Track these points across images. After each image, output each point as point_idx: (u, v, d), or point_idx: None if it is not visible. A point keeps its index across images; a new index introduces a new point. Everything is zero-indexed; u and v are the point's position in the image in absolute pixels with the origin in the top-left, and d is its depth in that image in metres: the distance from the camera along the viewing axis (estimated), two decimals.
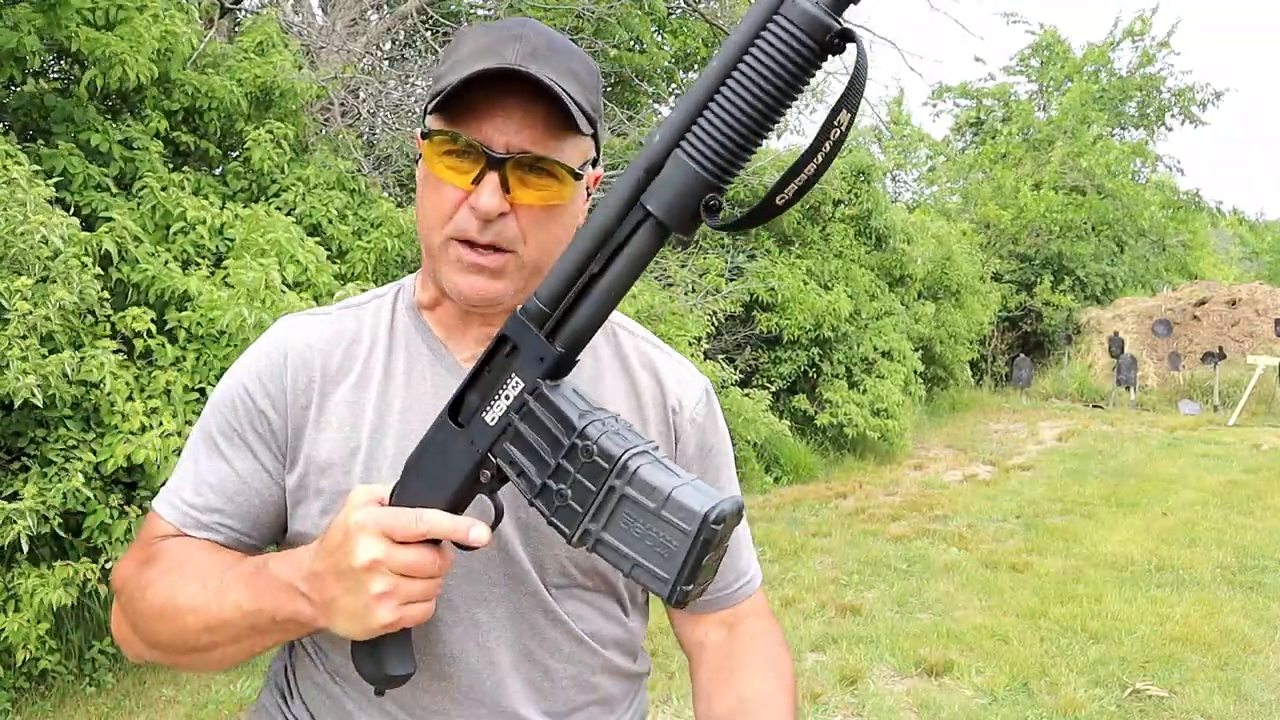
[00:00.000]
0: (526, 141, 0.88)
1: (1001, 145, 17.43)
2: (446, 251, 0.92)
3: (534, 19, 0.95)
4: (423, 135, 0.92)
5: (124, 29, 3.97)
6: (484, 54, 0.88)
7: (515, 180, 0.89)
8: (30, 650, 3.24)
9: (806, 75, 0.67)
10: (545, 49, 0.89)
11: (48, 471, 3.29)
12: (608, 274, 0.74)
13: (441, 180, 0.91)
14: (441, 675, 0.96)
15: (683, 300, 6.94)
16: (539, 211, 0.91)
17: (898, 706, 3.66)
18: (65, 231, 3.33)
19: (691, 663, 1.11)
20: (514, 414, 0.78)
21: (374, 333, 1.01)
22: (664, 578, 0.72)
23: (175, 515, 0.96)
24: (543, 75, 0.86)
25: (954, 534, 6.20)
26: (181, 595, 0.88)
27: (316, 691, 1.00)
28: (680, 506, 0.71)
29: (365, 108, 6.63)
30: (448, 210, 0.91)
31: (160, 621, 0.90)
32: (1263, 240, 27.40)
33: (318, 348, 0.99)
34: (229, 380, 0.99)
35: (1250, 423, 11.46)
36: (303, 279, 4.06)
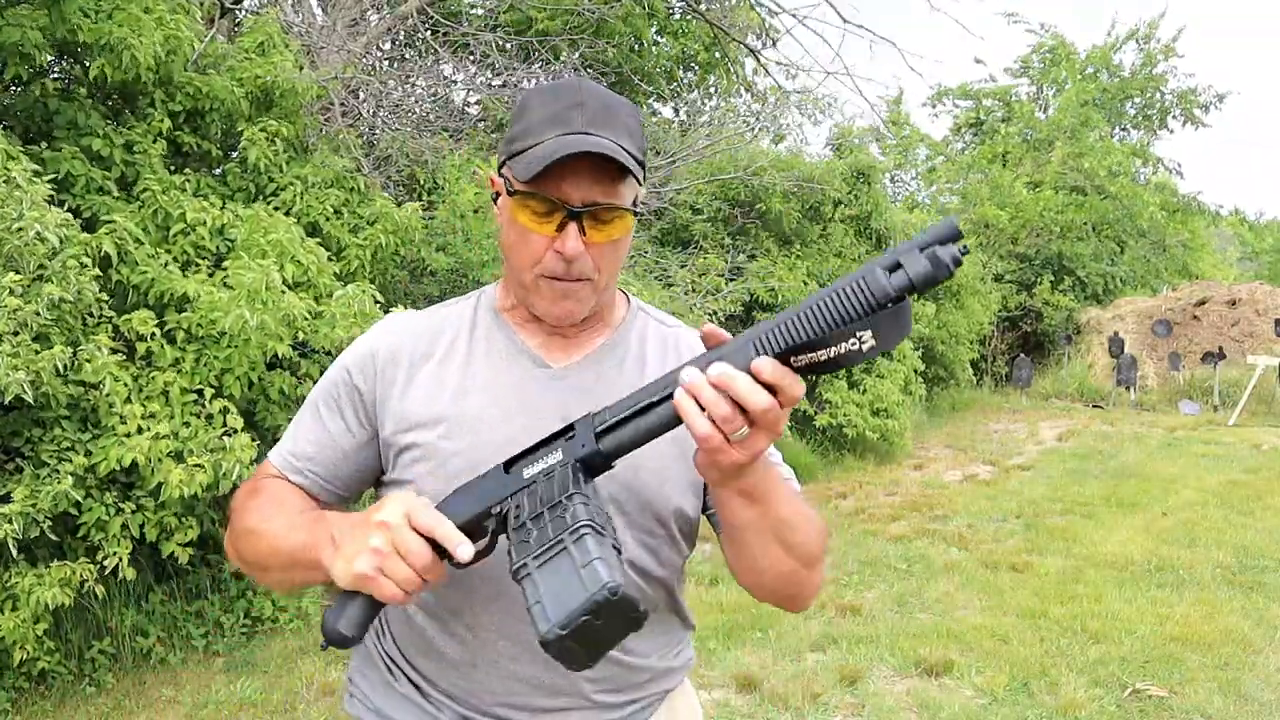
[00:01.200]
0: (597, 195, 1.09)
1: (1000, 145, 17.43)
2: (539, 286, 1.14)
3: (588, 81, 1.15)
4: (507, 189, 1.13)
5: (124, 16, 3.97)
6: (554, 122, 1.09)
7: (589, 226, 1.10)
8: (28, 650, 3.23)
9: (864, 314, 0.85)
10: (603, 112, 1.10)
11: (40, 473, 3.28)
12: (659, 409, 0.93)
13: (527, 229, 1.11)
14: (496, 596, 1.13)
15: (683, 300, 6.94)
16: (605, 246, 1.13)
17: (898, 706, 3.66)
18: (65, 232, 3.33)
19: None
20: (542, 475, 0.97)
21: (457, 326, 1.24)
22: (549, 619, 0.85)
23: (279, 460, 1.24)
24: (607, 140, 1.07)
25: (954, 534, 6.20)
26: (266, 522, 1.14)
27: (402, 626, 1.21)
28: (594, 571, 0.86)
29: (365, 108, 6.64)
30: (537, 254, 1.12)
31: (247, 538, 1.16)
32: (1262, 240, 27.40)
33: (408, 336, 1.22)
34: (336, 364, 1.24)
35: (1250, 423, 11.46)
36: (303, 279, 4.06)
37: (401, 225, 4.79)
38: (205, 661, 3.97)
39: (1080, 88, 17.33)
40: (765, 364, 0.87)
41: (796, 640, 4.27)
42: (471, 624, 1.16)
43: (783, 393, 0.88)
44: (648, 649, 1.21)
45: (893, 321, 0.83)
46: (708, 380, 0.88)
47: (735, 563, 1.15)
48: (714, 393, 0.87)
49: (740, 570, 1.15)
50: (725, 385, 0.87)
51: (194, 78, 4.41)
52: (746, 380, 0.87)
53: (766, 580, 1.14)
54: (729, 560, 1.16)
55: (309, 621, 4.31)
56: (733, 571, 1.19)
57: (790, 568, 1.11)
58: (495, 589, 1.13)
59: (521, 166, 1.08)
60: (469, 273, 5.40)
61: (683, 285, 7.21)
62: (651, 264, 7.38)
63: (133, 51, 3.92)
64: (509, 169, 1.13)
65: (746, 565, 1.13)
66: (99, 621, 3.83)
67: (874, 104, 15.98)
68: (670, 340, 1.26)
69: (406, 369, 1.20)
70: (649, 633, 1.18)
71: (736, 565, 1.15)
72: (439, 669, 1.18)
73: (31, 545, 3.43)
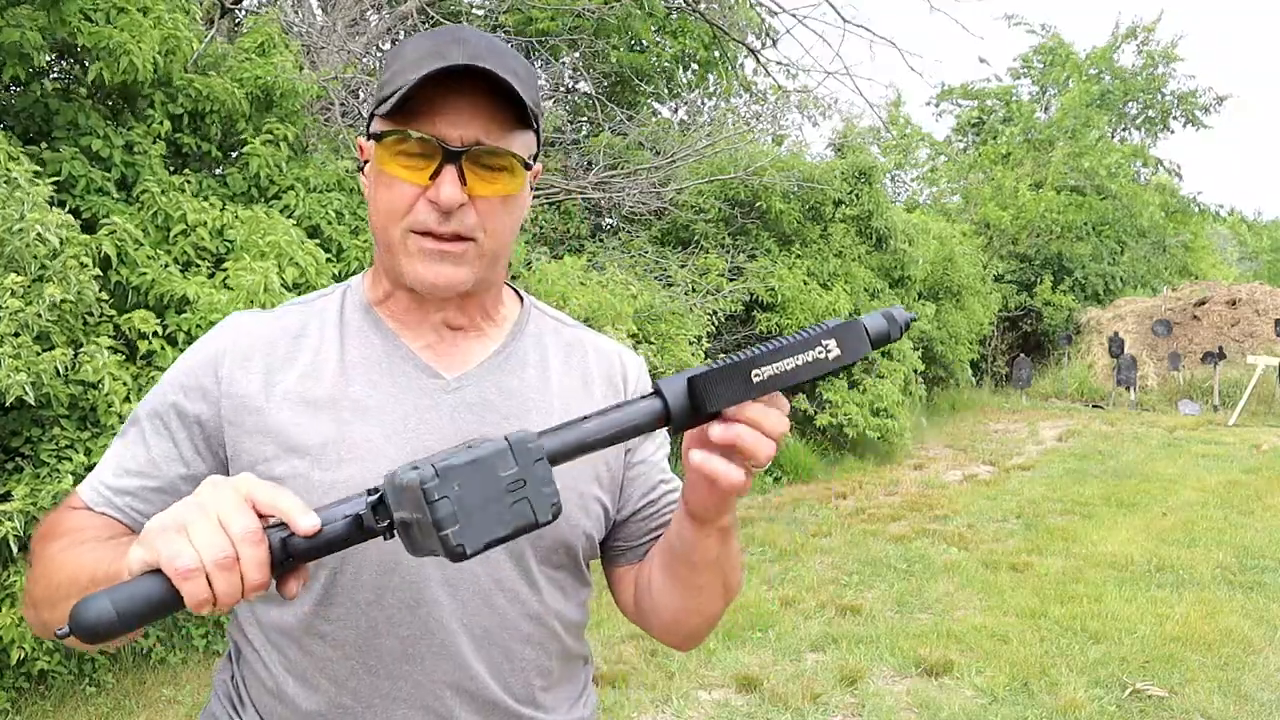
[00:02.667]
0: (480, 134, 0.92)
1: (1003, 145, 17.43)
2: (406, 244, 0.95)
3: (471, 26, 1.00)
4: (372, 137, 0.95)
5: (124, 20, 3.97)
6: (428, 57, 0.91)
7: (471, 173, 0.92)
8: (26, 649, 3.22)
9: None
10: (487, 51, 0.92)
11: (40, 472, 3.28)
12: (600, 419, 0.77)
13: (396, 178, 0.93)
14: (405, 658, 0.97)
15: (683, 300, 6.94)
16: (495, 202, 0.95)
17: (898, 706, 3.66)
18: (65, 233, 3.33)
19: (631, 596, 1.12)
20: None
21: (321, 327, 1.03)
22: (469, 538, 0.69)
23: (89, 494, 0.99)
24: (492, 69, 0.89)
25: (954, 534, 6.20)
26: (65, 551, 0.88)
27: (269, 698, 1.00)
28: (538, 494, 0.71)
29: (366, 108, 6.64)
30: (404, 206, 0.93)
31: (40, 573, 0.90)
32: (1260, 240, 27.41)
33: (260, 341, 1.01)
34: (168, 376, 1.01)
35: (1250, 423, 11.46)
36: (302, 281, 4.06)
37: None
38: (205, 661, 3.97)
39: (1084, 88, 17.34)
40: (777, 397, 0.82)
41: (796, 640, 4.27)
42: (357, 692, 0.97)
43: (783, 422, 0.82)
44: (558, 702, 1.07)
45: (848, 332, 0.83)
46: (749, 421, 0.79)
47: (668, 602, 1.03)
48: (755, 434, 0.79)
49: (667, 611, 1.04)
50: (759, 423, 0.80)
51: (194, 79, 4.40)
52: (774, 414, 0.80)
53: (694, 623, 1.05)
54: (649, 594, 1.05)
55: None
56: (639, 607, 1.08)
57: (721, 609, 1.04)
58: (385, 649, 0.97)
59: (387, 105, 0.91)
60: None
61: (683, 285, 7.21)
62: (651, 264, 7.39)
63: (131, 57, 3.92)
64: (376, 119, 0.95)
65: (683, 609, 1.02)
66: None
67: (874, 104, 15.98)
68: (575, 345, 1.11)
69: (262, 380, 0.98)
70: (560, 684, 1.07)
71: (667, 604, 1.03)
72: None
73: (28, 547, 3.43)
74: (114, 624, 0.67)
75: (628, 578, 1.10)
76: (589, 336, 1.13)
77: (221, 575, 0.67)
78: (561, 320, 1.14)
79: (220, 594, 0.67)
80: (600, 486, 1.05)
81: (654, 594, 1.04)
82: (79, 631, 0.67)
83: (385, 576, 0.96)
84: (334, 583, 0.96)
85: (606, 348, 1.13)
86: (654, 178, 7.78)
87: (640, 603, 1.08)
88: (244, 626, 1.03)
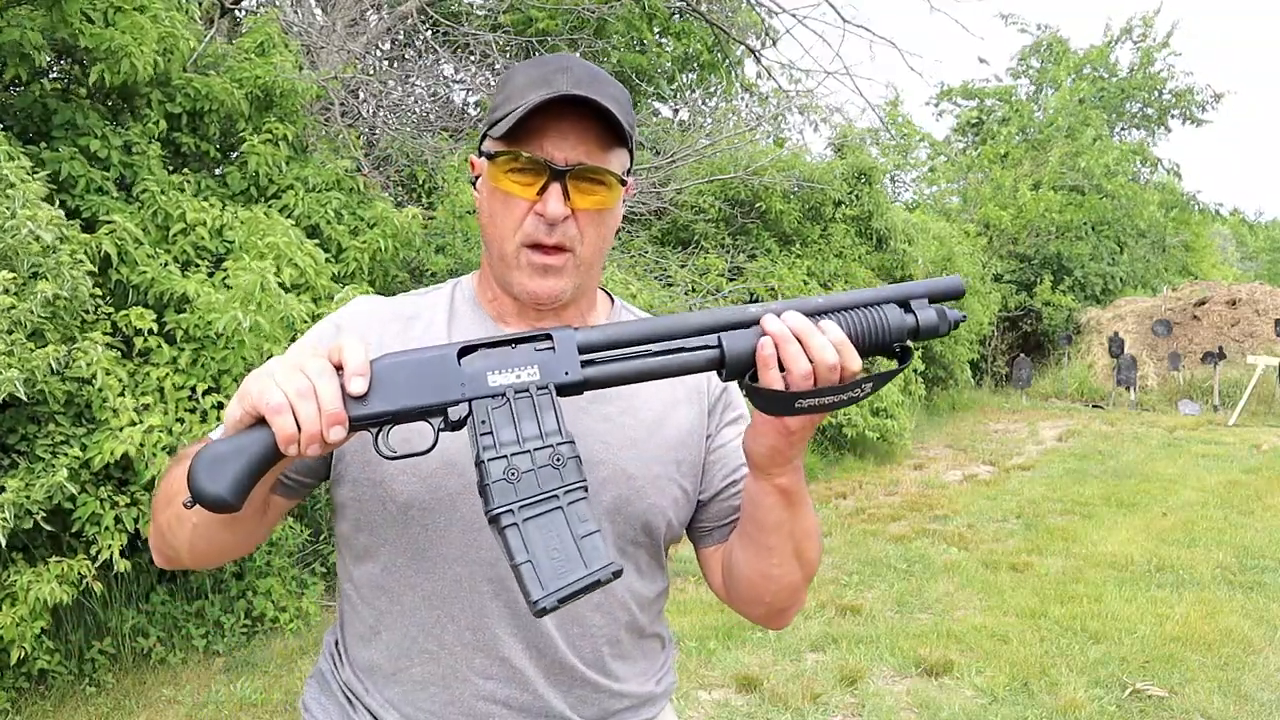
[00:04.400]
0: (582, 155, 1.03)
1: (1001, 145, 17.44)
2: (519, 258, 1.06)
3: (575, 55, 1.11)
4: (486, 156, 1.07)
5: (124, 22, 3.97)
6: (537, 85, 1.02)
7: (574, 189, 1.04)
8: (26, 649, 3.22)
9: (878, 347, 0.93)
10: (589, 79, 1.04)
11: (35, 467, 3.28)
12: (658, 359, 0.88)
13: (509, 194, 1.05)
14: (484, 612, 1.07)
15: (683, 300, 6.94)
16: (593, 214, 1.06)
17: (898, 706, 3.65)
18: (62, 231, 3.33)
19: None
20: (513, 391, 0.85)
21: (433, 314, 1.15)
22: (544, 586, 0.80)
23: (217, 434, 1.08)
24: (594, 98, 1.01)
25: (954, 534, 6.20)
26: (175, 469, 1.00)
27: (364, 650, 1.12)
28: (596, 548, 0.82)
29: (365, 108, 6.64)
30: (518, 219, 1.05)
31: (163, 484, 1.03)
32: (1260, 240, 27.41)
33: (377, 320, 1.13)
34: (300, 343, 1.11)
35: (1250, 423, 11.46)
36: (301, 281, 4.06)
37: (401, 229, 4.79)
38: (205, 661, 3.97)
39: (1073, 87, 17.36)
40: (832, 327, 0.90)
41: (796, 640, 4.27)
42: (441, 639, 1.08)
43: (844, 361, 0.90)
44: (629, 673, 1.14)
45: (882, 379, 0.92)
46: (789, 329, 0.88)
47: (744, 568, 1.11)
48: (797, 346, 0.88)
49: (745, 579, 1.11)
50: (803, 337, 0.89)
51: (192, 78, 4.40)
52: (821, 336, 0.89)
53: (772, 590, 1.11)
54: (731, 569, 1.13)
55: (309, 621, 4.31)
56: (727, 583, 1.15)
57: (798, 580, 1.11)
58: (468, 602, 1.07)
59: (500, 127, 1.03)
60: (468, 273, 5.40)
61: (683, 285, 7.21)
62: (651, 264, 7.38)
63: (132, 59, 3.91)
64: (489, 139, 1.07)
65: (758, 572, 1.09)
66: (99, 621, 3.83)
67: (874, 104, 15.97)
68: None
69: (376, 349, 1.05)
70: (632, 656, 1.15)
71: (744, 571, 1.11)
72: (405, 694, 1.09)
73: (29, 544, 3.43)
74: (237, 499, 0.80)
75: (715, 558, 1.18)
76: None
77: (302, 403, 0.80)
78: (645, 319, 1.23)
79: (304, 423, 0.80)
80: (680, 472, 1.14)
81: (733, 565, 1.12)
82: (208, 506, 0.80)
83: (471, 534, 1.05)
84: (424, 538, 1.07)
85: None
86: (654, 178, 7.78)
87: (725, 579, 1.16)
88: (343, 585, 1.15)
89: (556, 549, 0.81)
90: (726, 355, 0.88)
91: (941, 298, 0.95)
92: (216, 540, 1.02)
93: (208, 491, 0.80)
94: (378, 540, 1.09)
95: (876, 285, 10.13)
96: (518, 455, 0.83)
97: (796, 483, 1.02)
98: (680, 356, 0.88)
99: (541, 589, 0.80)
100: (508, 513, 0.82)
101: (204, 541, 1.01)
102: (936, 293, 0.94)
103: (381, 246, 4.69)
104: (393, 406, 0.84)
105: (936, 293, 0.94)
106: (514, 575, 0.81)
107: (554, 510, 0.82)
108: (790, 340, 0.89)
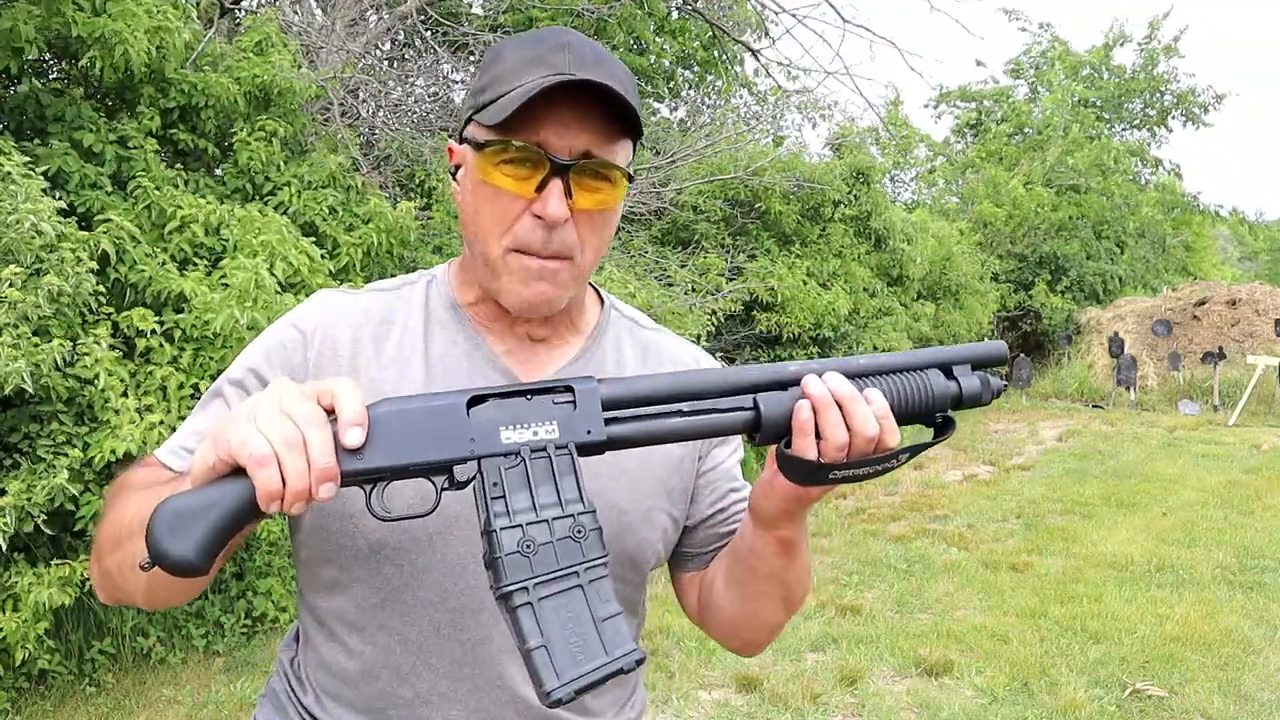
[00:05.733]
0: (586, 145, 0.89)
1: (992, 143, 17.46)
2: (506, 262, 0.92)
3: (572, 30, 0.95)
4: (472, 145, 0.92)
5: (116, 9, 3.95)
6: (533, 64, 0.89)
7: (576, 185, 0.90)
8: (29, 650, 3.22)
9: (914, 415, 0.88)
10: (593, 59, 0.90)
11: (36, 468, 3.28)
12: (688, 420, 0.81)
13: (500, 189, 0.90)
14: (464, 661, 0.97)
15: (683, 300, 6.93)
16: (594, 215, 0.93)
17: (898, 706, 3.65)
18: (61, 226, 3.31)
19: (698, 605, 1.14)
20: (529, 450, 0.77)
21: (407, 317, 1.01)
22: (559, 675, 0.72)
23: (164, 455, 0.97)
24: (600, 80, 0.87)
25: (954, 534, 6.20)
26: (130, 498, 0.88)
27: (331, 681, 1.01)
28: (618, 632, 0.74)
29: (365, 108, 6.63)
30: (508, 220, 0.91)
31: (107, 521, 0.89)
32: (1260, 240, 27.41)
33: (346, 321, 0.99)
34: (250, 347, 1.00)
35: (1250, 423, 11.46)
36: (296, 279, 4.04)
37: (395, 225, 4.78)
38: (205, 661, 3.97)
39: (1066, 88, 17.38)
40: (877, 396, 0.83)
41: (796, 640, 4.27)
42: (417, 687, 0.98)
43: (883, 435, 0.83)
44: (605, 706, 1.08)
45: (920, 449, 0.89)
46: (830, 393, 0.81)
47: (723, 605, 1.05)
48: (838, 413, 0.81)
49: (726, 616, 1.06)
50: (845, 404, 0.82)
51: (187, 74, 4.39)
52: (865, 406, 0.82)
53: (752, 628, 1.06)
54: (711, 600, 1.07)
55: None
56: (703, 612, 1.10)
57: (782, 620, 1.06)
58: (445, 651, 0.97)
59: (492, 112, 0.88)
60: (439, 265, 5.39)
61: (683, 285, 7.20)
62: (651, 264, 7.38)
63: (126, 46, 3.90)
64: (475, 125, 0.92)
65: (742, 613, 1.04)
66: (99, 621, 3.82)
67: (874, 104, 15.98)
68: (651, 348, 1.10)
69: (349, 365, 0.97)
70: (607, 690, 1.06)
71: (727, 610, 1.05)
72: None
73: (31, 545, 3.43)
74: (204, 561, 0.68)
75: (693, 583, 1.11)
76: (664, 339, 1.12)
77: (290, 455, 0.68)
78: (637, 321, 1.13)
79: (290, 478, 0.68)
80: (670, 500, 1.05)
81: (715, 598, 1.05)
82: (172, 570, 0.68)
83: (452, 578, 0.96)
84: (399, 578, 0.96)
85: (680, 350, 1.12)
86: (654, 178, 7.77)
87: (703, 607, 1.09)
88: (312, 610, 1.03)
89: (574, 632, 0.73)
90: (763, 419, 0.81)
91: (984, 364, 0.91)
92: (178, 586, 0.87)
93: (170, 553, 0.68)
94: (347, 576, 0.96)
95: (875, 284, 10.15)
96: (534, 525, 0.75)
97: (799, 533, 0.95)
98: (712, 417, 0.81)
99: (556, 678, 0.72)
100: (521, 590, 0.73)
101: (164, 590, 0.87)
102: (980, 358, 0.90)
103: (375, 242, 4.69)
104: (392, 462, 0.74)
105: (980, 358, 0.90)
106: (523, 660, 0.73)
107: (573, 589, 0.74)
108: (831, 406, 0.81)
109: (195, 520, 0.69)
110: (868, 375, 0.85)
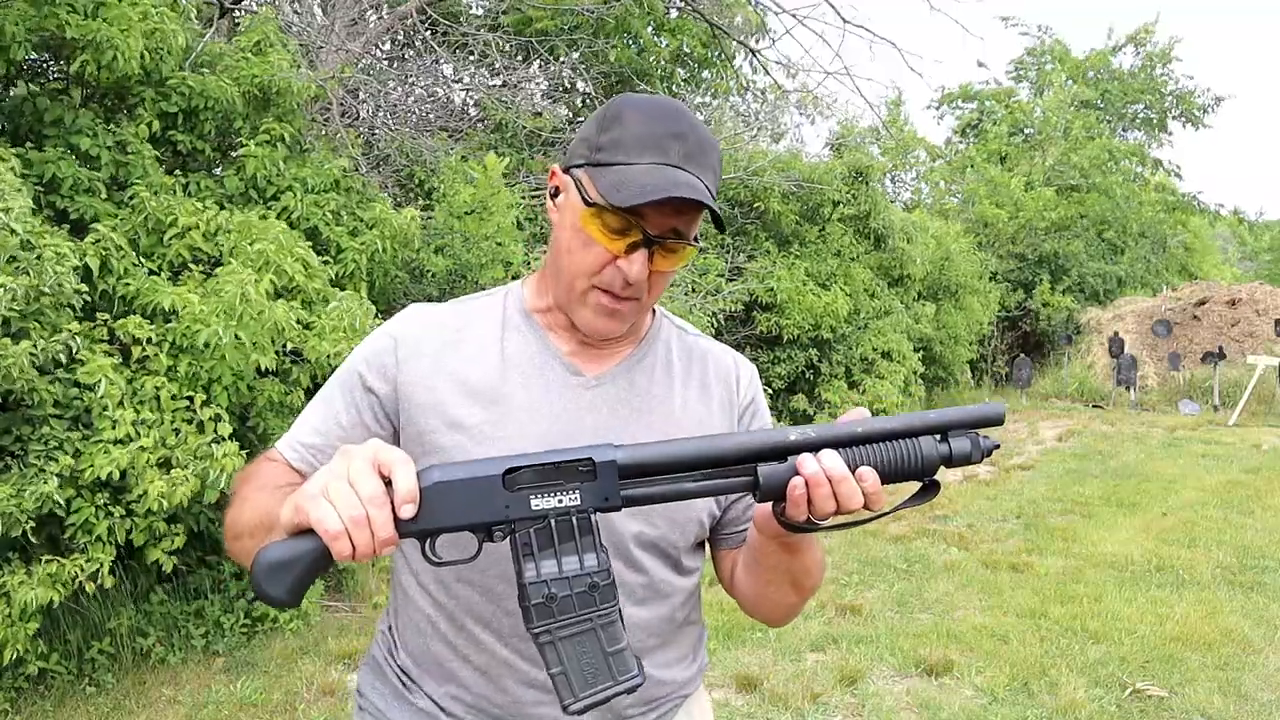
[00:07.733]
0: (676, 225, 1.07)
1: (992, 143, 17.45)
2: (587, 297, 1.11)
3: (687, 109, 1.10)
4: (581, 193, 1.08)
5: (110, 13, 3.93)
6: (650, 147, 1.05)
7: (659, 253, 1.08)
8: (19, 649, 3.19)
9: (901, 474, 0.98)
10: (699, 150, 1.07)
11: (27, 473, 3.24)
12: (694, 485, 0.94)
13: (595, 241, 1.07)
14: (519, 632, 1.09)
15: (683, 300, 6.94)
16: (666, 273, 1.12)
17: (898, 706, 3.65)
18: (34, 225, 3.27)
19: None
20: (554, 515, 0.92)
21: (486, 321, 1.19)
22: (574, 692, 0.92)
23: (283, 447, 1.17)
24: (700, 182, 1.05)
25: (954, 534, 6.20)
26: (254, 493, 1.08)
27: (419, 638, 1.18)
28: (624, 662, 0.93)
29: (365, 108, 6.63)
30: (596, 266, 1.09)
31: (235, 509, 1.09)
32: (1260, 240, 27.41)
33: (431, 328, 1.17)
34: (354, 356, 1.19)
35: (1250, 423, 11.46)
36: (292, 286, 4.01)
37: (399, 231, 4.77)
38: (205, 661, 3.97)
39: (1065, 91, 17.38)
40: (869, 474, 0.94)
41: (796, 640, 4.27)
42: (496, 630, 1.13)
43: (869, 504, 0.95)
44: (670, 661, 1.22)
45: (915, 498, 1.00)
46: (823, 472, 0.93)
47: (742, 584, 1.21)
48: (828, 489, 0.93)
49: (742, 592, 1.22)
50: (836, 483, 0.93)
51: (186, 77, 4.36)
52: (854, 485, 0.93)
53: (765, 607, 1.22)
54: (735, 578, 1.23)
55: (309, 621, 4.31)
56: (729, 584, 1.26)
57: (793, 602, 1.20)
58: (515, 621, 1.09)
59: (608, 183, 1.04)
60: (467, 274, 5.38)
61: (683, 285, 7.21)
62: None
63: (117, 49, 3.87)
64: (588, 175, 1.08)
65: (755, 592, 1.20)
66: (98, 622, 3.82)
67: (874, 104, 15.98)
68: (696, 351, 1.26)
69: (432, 360, 1.15)
70: (672, 645, 1.22)
71: (742, 587, 1.22)
72: (462, 679, 1.15)
73: (25, 545, 3.41)
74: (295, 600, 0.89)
75: (728, 559, 1.26)
76: (707, 343, 1.29)
77: (358, 531, 0.85)
78: (684, 328, 1.29)
79: (359, 546, 0.85)
80: None
81: (738, 577, 1.22)
82: (257, 589, 0.89)
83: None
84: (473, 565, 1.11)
85: (722, 354, 1.29)
86: None
87: (734, 581, 1.24)
88: (399, 575, 1.21)
89: (589, 663, 0.93)
90: (761, 487, 0.94)
91: (981, 426, 0.98)
92: None
93: (269, 595, 0.89)
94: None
95: (874, 285, 10.15)
96: (556, 581, 0.92)
97: (802, 540, 1.07)
98: (717, 482, 0.95)
99: (573, 696, 0.92)
100: (545, 632, 0.92)
101: None
102: (977, 420, 0.98)
103: (380, 248, 4.67)
104: (439, 525, 0.91)
105: (977, 420, 0.98)
106: (550, 679, 0.93)
107: (588, 630, 0.93)
108: (823, 484, 0.93)
109: (286, 570, 0.88)
110: (862, 444, 0.95)
